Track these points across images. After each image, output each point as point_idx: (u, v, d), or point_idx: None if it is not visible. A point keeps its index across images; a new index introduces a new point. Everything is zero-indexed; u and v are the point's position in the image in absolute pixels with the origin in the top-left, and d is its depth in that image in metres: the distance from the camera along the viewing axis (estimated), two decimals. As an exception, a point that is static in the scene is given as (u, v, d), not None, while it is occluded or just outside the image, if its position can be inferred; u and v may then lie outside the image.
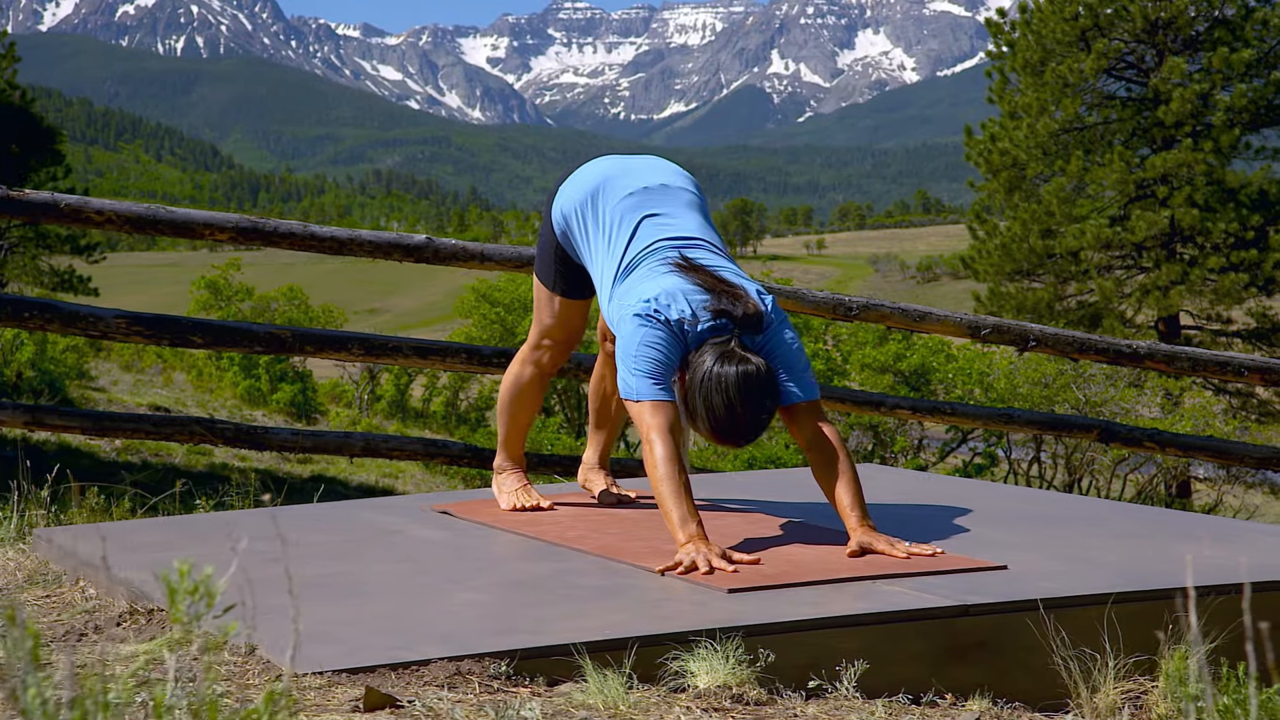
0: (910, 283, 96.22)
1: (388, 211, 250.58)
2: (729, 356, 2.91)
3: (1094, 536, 3.20)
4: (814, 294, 4.98)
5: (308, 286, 42.34)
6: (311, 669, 2.14)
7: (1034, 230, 22.67)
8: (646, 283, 3.05)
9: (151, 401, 21.39)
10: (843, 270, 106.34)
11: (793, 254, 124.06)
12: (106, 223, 4.26)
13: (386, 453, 4.83)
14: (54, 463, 12.62)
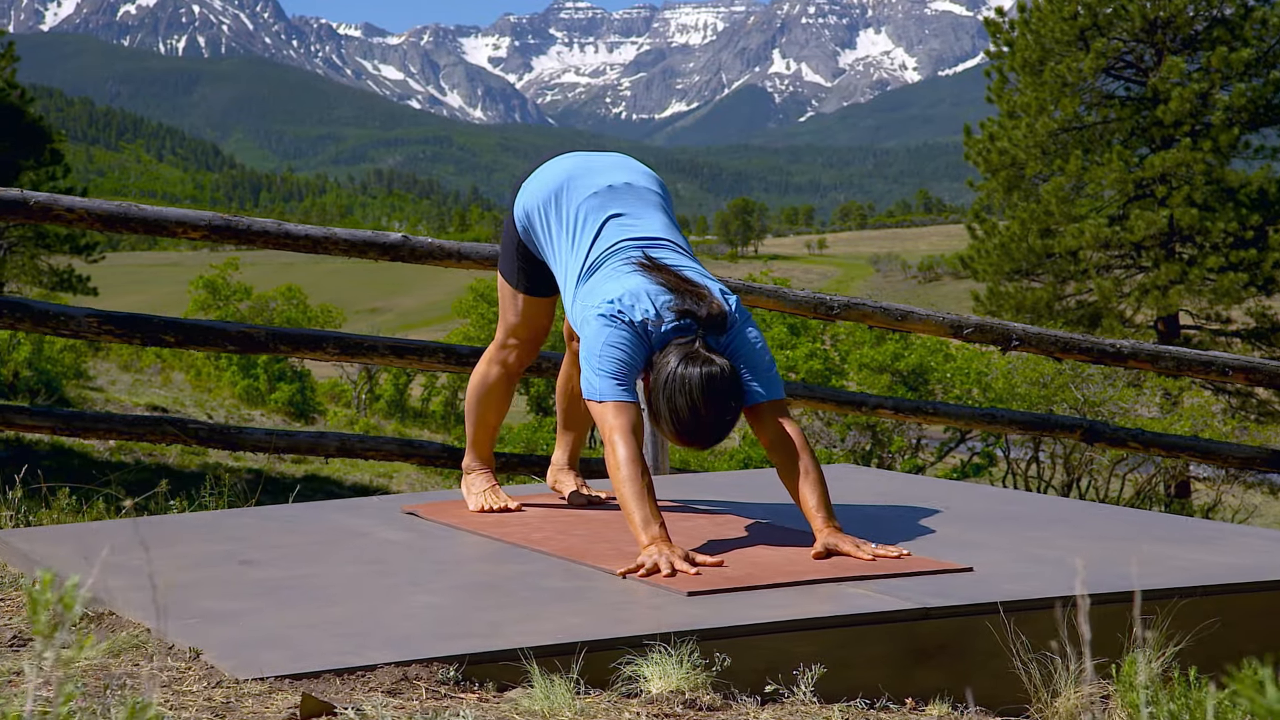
0: (911, 282, 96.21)
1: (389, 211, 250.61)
2: (693, 358, 2.87)
3: (1066, 538, 3.16)
4: (795, 293, 4.94)
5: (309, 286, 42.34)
6: (254, 674, 2.10)
7: (1033, 230, 22.64)
8: (610, 283, 3.01)
9: (149, 401, 21.36)
10: (844, 270, 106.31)
11: (794, 254, 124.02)
12: (78, 220, 4.22)
13: (362, 453, 4.79)
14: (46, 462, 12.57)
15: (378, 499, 3.75)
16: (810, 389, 5.30)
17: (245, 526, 3.37)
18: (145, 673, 2.14)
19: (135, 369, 27.25)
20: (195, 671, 2.15)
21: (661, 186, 3.34)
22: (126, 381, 24.68)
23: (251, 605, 2.55)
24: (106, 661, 2.21)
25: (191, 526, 3.42)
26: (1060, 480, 17.99)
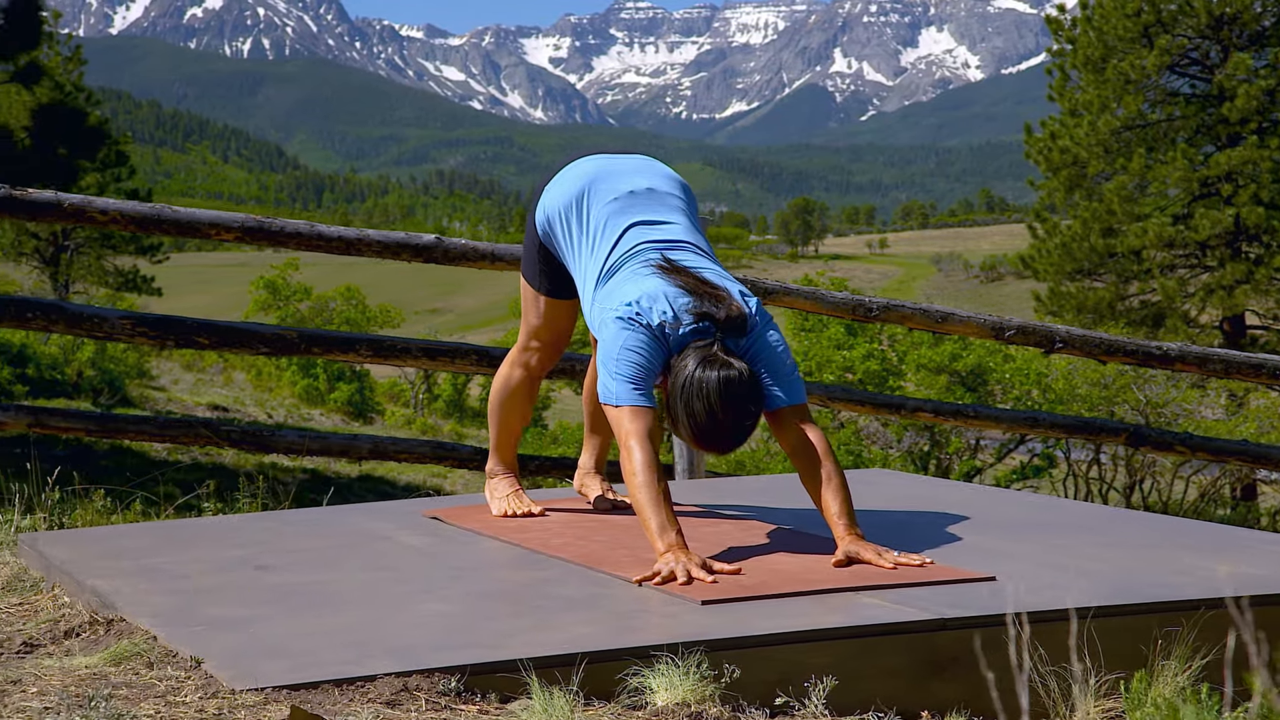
0: (973, 282, 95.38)
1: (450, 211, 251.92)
2: (711, 361, 2.82)
3: (1094, 547, 3.08)
4: (833, 295, 4.87)
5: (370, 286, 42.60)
6: (250, 685, 2.07)
7: (1095, 229, 22.36)
8: (628, 285, 2.96)
9: (211, 400, 21.57)
10: (905, 270, 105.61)
11: (855, 253, 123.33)
12: (111, 222, 4.23)
13: (394, 455, 4.77)
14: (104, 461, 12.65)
15: (402, 502, 3.72)
16: (848, 391, 5.23)
17: (267, 530, 3.36)
18: (143, 682, 2.11)
19: (198, 369, 27.55)
20: (194, 681, 2.13)
21: (685, 190, 3.29)
22: (189, 381, 24.94)
23: (260, 612, 2.52)
24: (106, 670, 2.19)
25: (215, 530, 3.41)
26: (1122, 482, 17.73)
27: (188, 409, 19.58)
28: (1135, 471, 17.19)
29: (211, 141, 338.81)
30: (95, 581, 2.77)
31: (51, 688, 2.06)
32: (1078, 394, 17.77)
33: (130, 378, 19.98)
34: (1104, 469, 17.84)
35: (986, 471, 19.95)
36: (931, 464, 19.93)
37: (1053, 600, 2.49)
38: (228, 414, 20.07)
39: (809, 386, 5.19)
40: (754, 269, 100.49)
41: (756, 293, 4.93)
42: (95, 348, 17.73)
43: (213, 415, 19.37)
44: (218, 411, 20.23)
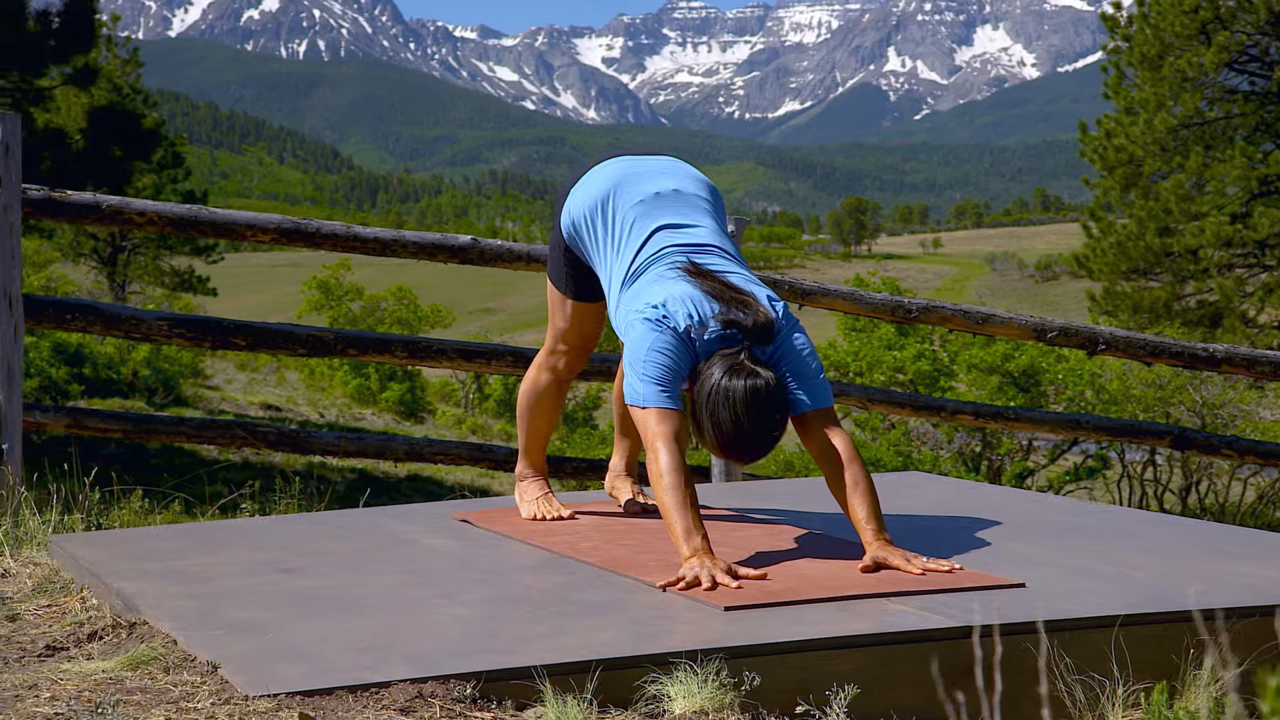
0: (1028, 281, 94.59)
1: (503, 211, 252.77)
2: (737, 370, 2.79)
3: (1130, 553, 3.02)
4: (871, 296, 4.82)
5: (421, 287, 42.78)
6: (264, 691, 2.06)
7: (1150, 228, 22.12)
8: (654, 288, 2.94)
9: (264, 400, 21.74)
10: (959, 269, 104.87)
11: (908, 253, 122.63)
12: (148, 224, 4.25)
13: (430, 457, 4.77)
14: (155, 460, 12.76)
15: (432, 505, 3.72)
16: (888, 393, 5.18)
17: (297, 532, 3.36)
18: (158, 687, 2.11)
19: (251, 368, 27.80)
20: (209, 686, 2.12)
21: (712, 192, 3.25)
22: (243, 380, 25.16)
23: (281, 616, 2.52)
24: (123, 675, 2.19)
25: (244, 532, 3.41)
26: (1177, 484, 17.51)
27: (240, 408, 19.74)
28: (1191, 473, 16.97)
29: (267, 142, 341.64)
30: (121, 584, 2.78)
31: (65, 693, 2.06)
32: (1132, 395, 17.56)
33: (184, 377, 20.17)
34: (1159, 470, 17.62)
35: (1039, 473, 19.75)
36: (983, 465, 19.76)
37: (1081, 608, 2.44)
38: (280, 413, 20.23)
39: (853, 388, 5.14)
40: (806, 268, 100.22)
41: (795, 294, 4.90)
42: (150, 348, 17.90)
43: (265, 415, 19.53)
44: (270, 411, 20.39)
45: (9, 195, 3.97)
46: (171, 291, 32.13)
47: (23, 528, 3.84)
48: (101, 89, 27.91)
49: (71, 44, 13.44)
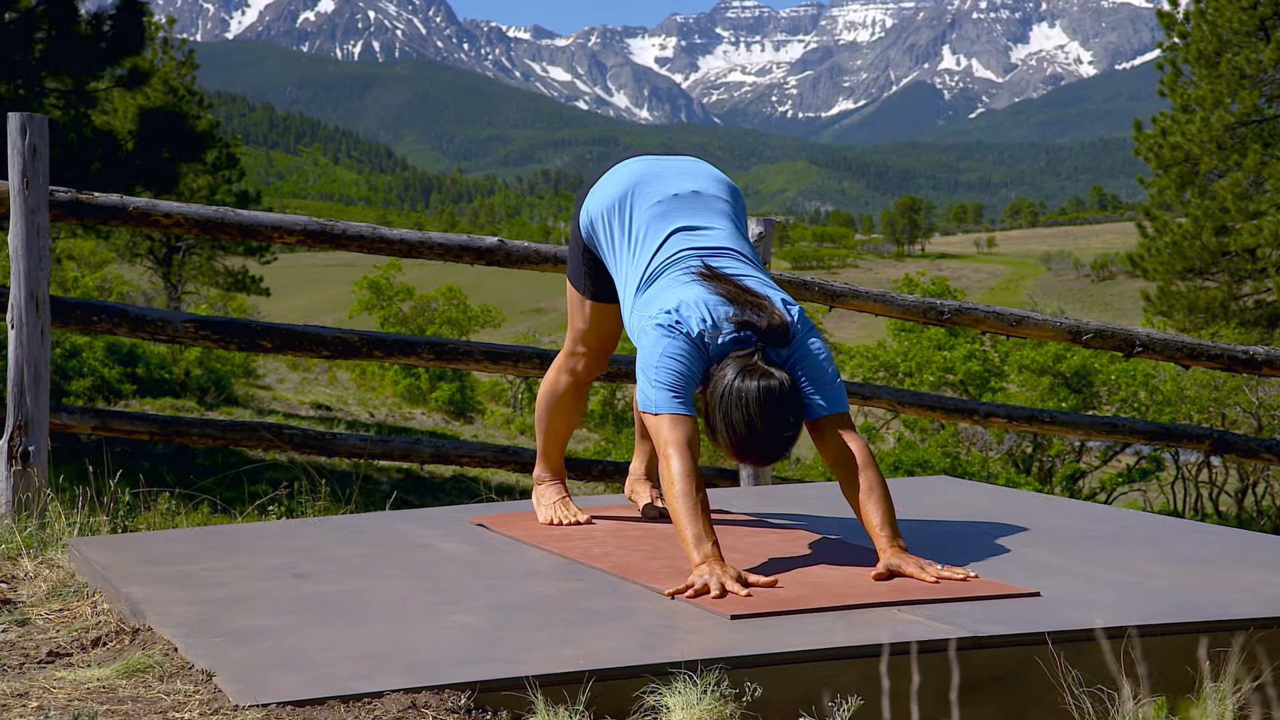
0: (1084, 281, 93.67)
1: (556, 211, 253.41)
2: (750, 371, 2.75)
3: (1151, 561, 2.95)
4: (903, 298, 4.76)
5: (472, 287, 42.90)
6: (256, 700, 2.03)
7: (1207, 227, 21.85)
8: (668, 293, 2.90)
9: (314, 399, 21.87)
10: (1013, 268, 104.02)
11: (962, 252, 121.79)
12: (174, 226, 4.25)
13: (457, 459, 4.75)
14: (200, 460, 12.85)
15: (449, 509, 3.69)
16: (918, 396, 5.11)
17: (313, 536, 3.34)
18: (150, 696, 2.09)
19: (303, 368, 28.00)
20: (201, 695, 2.10)
21: (732, 193, 3.21)
22: (294, 380, 25.33)
23: (283, 623, 2.49)
24: (117, 682, 2.17)
25: (261, 536, 3.40)
26: (1234, 486, 17.23)
27: (291, 408, 19.87)
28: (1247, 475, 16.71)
29: (323, 143, 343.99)
30: (130, 589, 2.77)
31: (54, 702, 2.04)
32: (1186, 396, 17.31)
33: (236, 377, 20.31)
34: (1214, 472, 17.35)
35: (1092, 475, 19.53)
36: (1035, 466, 19.56)
37: (1092, 618, 2.38)
38: (330, 413, 20.34)
39: (883, 391, 5.08)
40: (859, 268, 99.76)
41: (825, 296, 4.84)
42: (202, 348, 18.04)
43: (315, 414, 19.65)
44: (320, 410, 20.51)
45: (37, 197, 3.98)
46: (225, 291, 32.40)
47: (49, 529, 3.85)
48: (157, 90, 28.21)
49: (122, 46, 13.56)
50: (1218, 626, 2.28)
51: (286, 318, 43.41)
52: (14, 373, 3.99)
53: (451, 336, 31.30)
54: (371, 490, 13.10)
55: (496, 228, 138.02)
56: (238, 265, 32.85)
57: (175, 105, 28.71)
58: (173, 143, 13.96)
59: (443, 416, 26.66)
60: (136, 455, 12.57)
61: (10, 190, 3.98)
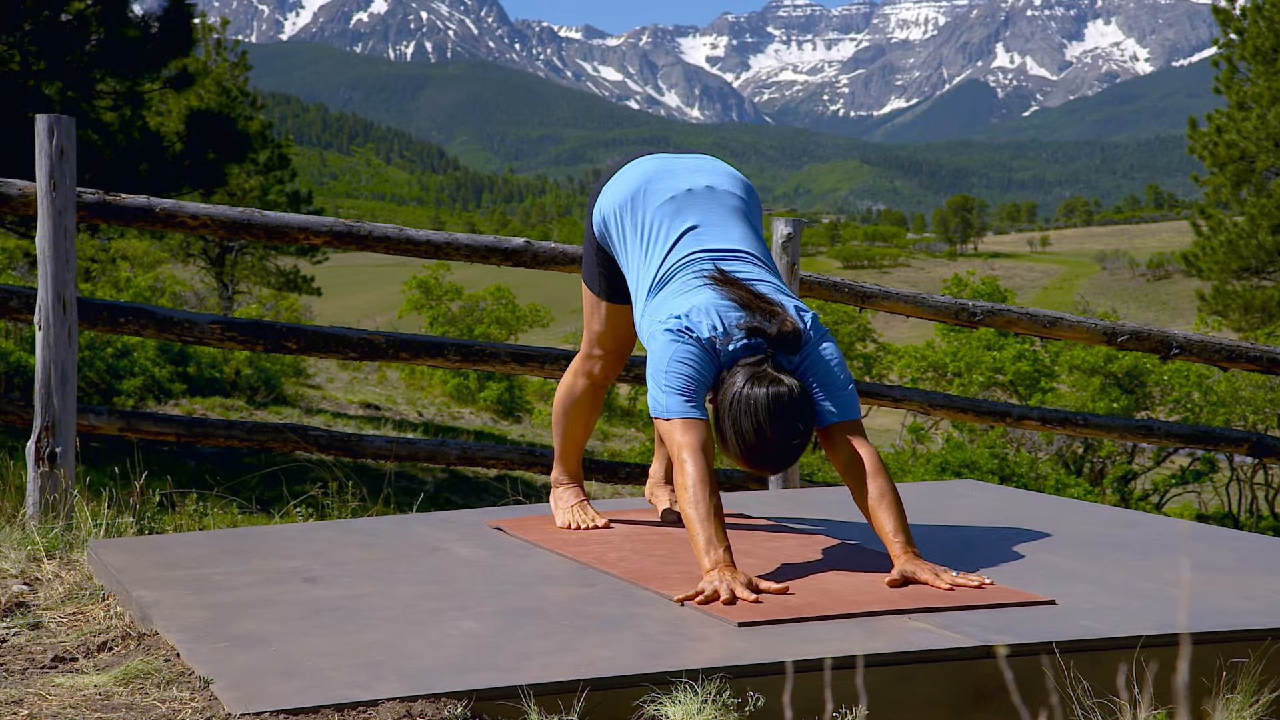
0: (1139, 280, 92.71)
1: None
2: (760, 378, 2.72)
3: (1173, 568, 2.88)
4: (935, 299, 4.69)
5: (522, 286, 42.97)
6: (249, 709, 2.01)
7: (1263, 226, 21.57)
8: (678, 298, 2.87)
9: (363, 399, 21.96)
10: (1067, 268, 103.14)
11: (1015, 251, 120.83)
12: (201, 227, 4.26)
13: (482, 461, 4.73)
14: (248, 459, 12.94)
15: (467, 512, 3.67)
16: (949, 399, 5.04)
17: (329, 540, 3.32)
18: (144, 704, 2.07)
19: (353, 368, 28.15)
20: (196, 703, 2.08)
21: (747, 190, 3.16)
22: (344, 380, 25.44)
23: (289, 629, 2.48)
24: (114, 689, 2.16)
25: (278, 539, 3.39)
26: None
27: (340, 407, 19.96)
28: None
29: (375, 144, 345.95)
30: (140, 592, 2.76)
31: (46, 710, 2.03)
32: (1241, 396, 17.07)
33: (287, 376, 20.42)
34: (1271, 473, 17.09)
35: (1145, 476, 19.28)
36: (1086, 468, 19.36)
37: (1109, 627, 2.32)
38: (379, 412, 20.42)
39: (913, 393, 5.01)
40: (911, 267, 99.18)
41: (855, 296, 4.79)
42: (253, 347, 18.11)
43: (364, 413, 19.74)
44: (369, 409, 20.60)
45: (64, 199, 3.99)
46: (277, 291, 32.61)
47: (75, 531, 3.86)
48: (210, 92, 28.44)
49: (170, 49, 13.65)
50: (1233, 637, 2.22)
51: (339, 317, 43.68)
52: (41, 374, 4.01)
53: (500, 336, 31.37)
54: (415, 490, 13.14)
55: (548, 228, 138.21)
56: (289, 265, 33.07)
57: (228, 106, 28.93)
58: (219, 144, 14.05)
59: (491, 416, 26.70)
60: (183, 455, 12.67)
61: (38, 192, 4.00)
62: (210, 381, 17.47)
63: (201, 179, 13.70)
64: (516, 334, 32.96)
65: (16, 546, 3.54)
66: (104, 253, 27.58)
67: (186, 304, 27.96)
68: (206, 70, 29.33)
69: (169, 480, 4.53)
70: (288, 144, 33.42)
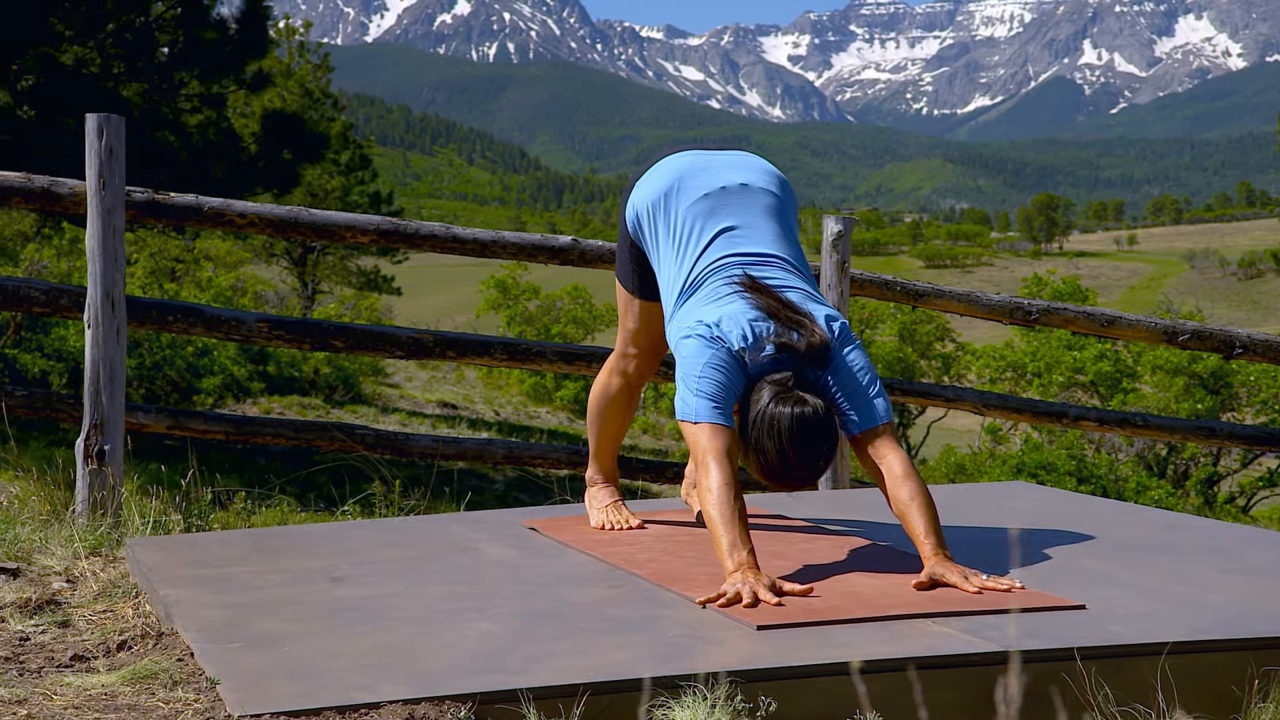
0: (1230, 279, 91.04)
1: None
2: (785, 398, 2.71)
3: (1214, 573, 2.79)
4: (989, 297, 4.60)
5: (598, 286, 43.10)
6: (250, 711, 1.99)
7: (1357, 223, 21.09)
8: (708, 306, 2.85)
9: (440, 398, 22.11)
10: (1155, 266, 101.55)
11: (1102, 250, 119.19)
12: (249, 225, 4.27)
13: (529, 461, 4.70)
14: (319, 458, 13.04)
15: (501, 512, 3.65)
16: (1004, 399, 4.94)
17: (362, 539, 3.31)
18: (148, 704, 2.06)
19: (433, 367, 28.35)
20: (200, 704, 2.07)
21: (782, 186, 3.10)
22: (423, 379, 25.62)
23: (308, 628, 2.46)
24: (120, 689, 2.15)
25: (313, 538, 3.38)
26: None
27: (416, 405, 20.09)
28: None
29: (458, 144, 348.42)
30: (166, 591, 2.76)
31: (48, 711, 2.02)
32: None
33: (365, 375, 20.59)
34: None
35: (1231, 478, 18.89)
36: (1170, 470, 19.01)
37: (1136, 633, 2.24)
38: (456, 411, 20.54)
39: (968, 393, 4.92)
40: (994, 266, 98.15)
41: (908, 295, 4.70)
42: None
43: (441, 412, 19.86)
44: (446, 408, 20.72)
45: (113, 198, 4.02)
46: (358, 291, 32.89)
47: (122, 529, 3.88)
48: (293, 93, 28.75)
49: (248, 51, 13.81)
50: (1265, 644, 2.13)
51: (419, 316, 44.02)
52: (90, 372, 4.04)
53: (576, 336, 31.42)
54: (485, 489, 13.18)
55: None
56: (370, 265, 33.34)
57: (310, 108, 29.22)
58: (294, 144, 14.18)
59: (567, 415, 26.76)
60: (253, 452, 12.80)
61: (87, 191, 4.03)
62: (289, 380, 17.64)
63: (276, 179, 13.84)
64: (593, 333, 33.00)
65: (64, 544, 3.57)
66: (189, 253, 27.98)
67: (268, 303, 28.29)
68: (290, 72, 29.69)
69: (218, 478, 4.56)
70: (369, 145, 33.69)
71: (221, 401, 14.79)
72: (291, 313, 27.13)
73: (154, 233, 20.93)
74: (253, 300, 25.80)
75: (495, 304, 34.84)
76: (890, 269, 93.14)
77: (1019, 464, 16.04)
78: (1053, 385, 20.67)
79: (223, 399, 14.87)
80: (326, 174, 29.98)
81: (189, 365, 15.09)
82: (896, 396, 4.83)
